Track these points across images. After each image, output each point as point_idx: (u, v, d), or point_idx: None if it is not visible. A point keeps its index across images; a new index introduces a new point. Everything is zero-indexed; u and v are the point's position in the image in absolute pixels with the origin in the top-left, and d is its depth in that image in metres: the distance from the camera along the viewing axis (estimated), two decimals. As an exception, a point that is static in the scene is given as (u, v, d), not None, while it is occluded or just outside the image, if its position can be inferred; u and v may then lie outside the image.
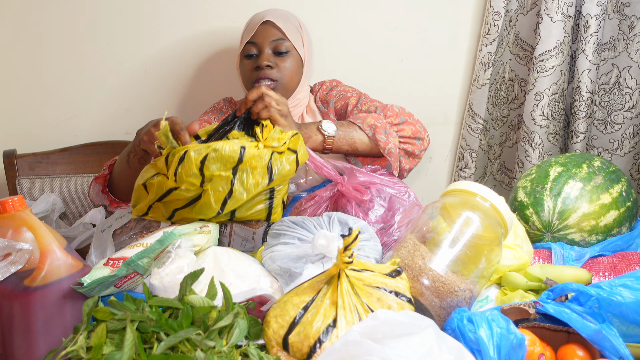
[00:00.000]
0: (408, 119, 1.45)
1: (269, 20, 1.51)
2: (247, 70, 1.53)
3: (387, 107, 1.48)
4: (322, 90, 1.65)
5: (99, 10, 1.81)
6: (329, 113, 1.60)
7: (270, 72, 1.49)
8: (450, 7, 1.97)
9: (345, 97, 1.58)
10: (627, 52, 1.91)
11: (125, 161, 1.28)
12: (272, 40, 1.51)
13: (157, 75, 1.88)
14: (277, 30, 1.51)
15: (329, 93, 1.62)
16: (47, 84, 1.84)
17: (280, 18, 1.53)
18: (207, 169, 1.04)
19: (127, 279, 0.91)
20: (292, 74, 1.52)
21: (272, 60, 1.50)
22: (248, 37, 1.53)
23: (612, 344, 0.81)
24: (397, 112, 1.45)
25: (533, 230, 1.27)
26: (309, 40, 1.60)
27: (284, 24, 1.52)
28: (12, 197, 0.87)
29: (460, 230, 0.98)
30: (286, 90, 1.53)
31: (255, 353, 0.79)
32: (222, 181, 1.06)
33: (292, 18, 1.57)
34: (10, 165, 1.73)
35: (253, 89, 1.21)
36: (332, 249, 0.98)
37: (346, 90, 1.61)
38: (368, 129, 1.38)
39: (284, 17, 1.54)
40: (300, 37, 1.56)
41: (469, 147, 2.02)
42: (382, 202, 1.17)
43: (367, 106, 1.52)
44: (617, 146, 1.99)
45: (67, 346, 0.80)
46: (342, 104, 1.57)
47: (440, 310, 0.92)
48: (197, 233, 1.03)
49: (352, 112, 1.52)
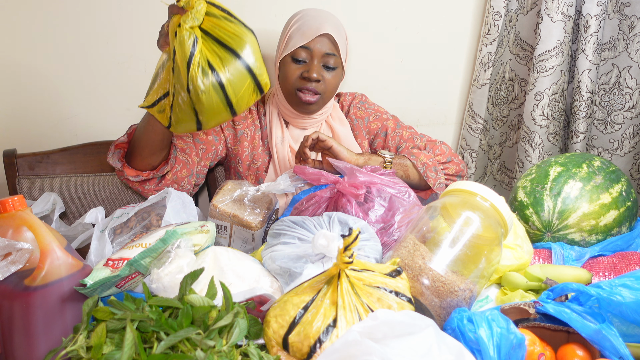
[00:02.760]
0: (454, 159, 1.57)
1: (328, 33, 1.50)
2: (294, 74, 1.52)
3: (435, 144, 1.58)
4: (355, 103, 1.68)
5: (98, 10, 1.80)
6: (362, 129, 1.65)
7: (317, 86, 1.51)
8: (450, 7, 1.97)
9: (381, 119, 1.65)
10: (627, 52, 1.91)
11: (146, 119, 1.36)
12: (326, 54, 1.51)
13: (157, 75, 1.88)
14: (333, 45, 1.51)
15: (363, 109, 1.67)
16: (47, 84, 1.84)
17: (336, 30, 1.52)
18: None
19: (129, 279, 0.91)
20: (334, 88, 1.55)
21: (321, 73, 1.51)
22: (302, 42, 1.50)
23: (612, 344, 0.81)
24: (444, 151, 1.57)
25: (533, 230, 1.27)
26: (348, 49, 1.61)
27: (339, 38, 1.52)
28: (12, 197, 0.87)
29: (460, 230, 0.98)
30: (324, 104, 1.56)
31: (255, 352, 0.79)
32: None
33: (342, 30, 1.57)
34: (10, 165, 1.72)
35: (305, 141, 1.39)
36: (332, 249, 0.98)
37: (380, 111, 1.67)
38: (421, 166, 1.49)
39: (338, 30, 1.54)
40: (346, 51, 1.58)
41: (469, 147, 2.02)
42: (382, 202, 1.17)
43: (409, 134, 1.61)
44: (617, 146, 1.99)
45: (67, 346, 0.80)
46: (378, 125, 1.64)
47: (440, 310, 0.92)
48: (197, 232, 1.03)
49: (394, 138, 1.62)
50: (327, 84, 1.52)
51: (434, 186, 1.49)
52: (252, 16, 1.71)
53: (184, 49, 1.12)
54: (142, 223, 1.25)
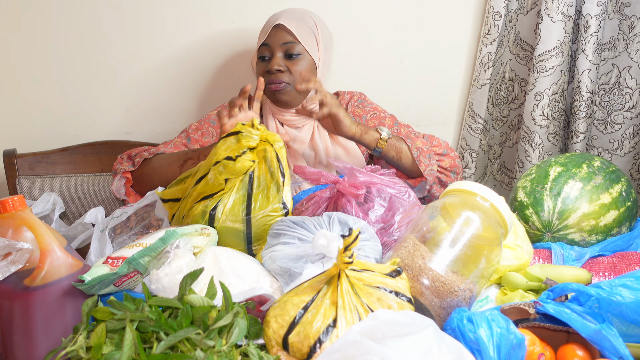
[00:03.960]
0: (450, 153, 1.56)
1: (280, 23, 1.53)
2: (260, 72, 1.57)
3: (433, 137, 1.58)
4: (353, 101, 1.68)
5: (98, 10, 1.80)
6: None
7: (282, 76, 1.53)
8: (450, 7, 1.97)
9: (379, 117, 1.64)
10: (627, 52, 1.91)
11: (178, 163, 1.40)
12: (283, 44, 1.53)
13: (157, 75, 1.88)
14: (288, 33, 1.53)
15: (361, 107, 1.67)
16: (47, 84, 1.84)
17: (293, 20, 1.54)
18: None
19: (127, 277, 0.91)
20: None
21: (282, 63, 1.53)
22: (262, 39, 1.56)
23: (612, 344, 0.81)
24: (441, 144, 1.56)
25: (533, 230, 1.27)
26: (326, 40, 1.61)
27: (297, 26, 1.54)
28: (12, 197, 0.87)
29: (460, 230, 0.98)
30: (299, 93, 1.55)
31: (255, 352, 0.79)
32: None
33: (308, 18, 1.58)
34: (10, 164, 1.73)
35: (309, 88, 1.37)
36: (332, 249, 0.98)
37: (378, 109, 1.67)
38: (415, 150, 1.49)
39: (297, 19, 1.55)
40: (315, 38, 1.57)
41: (469, 147, 2.02)
42: (382, 202, 1.17)
43: (406, 131, 1.61)
44: (617, 146, 1.99)
45: (67, 346, 0.80)
46: (375, 123, 1.63)
47: (440, 310, 0.92)
48: (197, 234, 1.03)
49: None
50: (293, 72, 1.53)
51: (424, 171, 1.48)
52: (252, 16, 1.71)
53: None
54: (142, 223, 1.25)
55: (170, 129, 1.90)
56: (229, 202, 1.11)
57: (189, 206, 1.14)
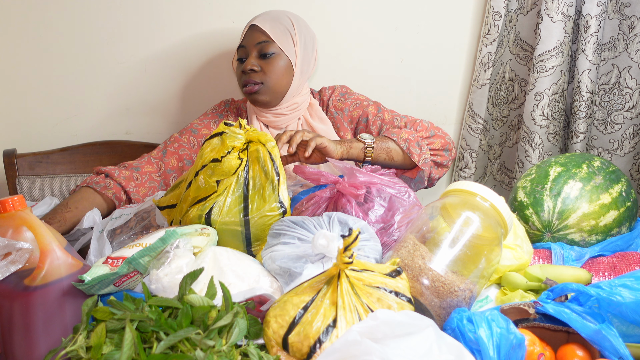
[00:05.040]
0: (437, 132, 1.53)
1: (254, 24, 1.55)
2: (238, 74, 1.59)
3: (416, 122, 1.55)
4: (335, 96, 1.66)
5: (98, 10, 1.80)
6: (343, 120, 1.63)
7: (255, 76, 1.54)
8: (450, 7, 1.97)
9: (362, 106, 1.62)
10: (627, 52, 1.91)
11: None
12: (257, 43, 1.54)
13: (157, 75, 1.88)
14: (262, 33, 1.54)
15: (342, 100, 1.65)
16: (47, 84, 1.84)
17: (267, 21, 1.55)
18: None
19: (127, 277, 0.91)
20: (278, 76, 1.54)
21: (256, 63, 1.53)
22: (239, 42, 1.58)
23: (612, 344, 0.81)
24: (426, 126, 1.53)
25: (533, 230, 1.27)
26: (305, 40, 1.59)
27: (271, 26, 1.54)
28: (12, 197, 0.87)
29: (460, 230, 0.98)
30: (274, 92, 1.56)
31: (255, 352, 0.79)
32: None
33: (284, 19, 1.58)
34: (10, 164, 1.72)
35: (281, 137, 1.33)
36: (332, 249, 0.98)
37: (360, 99, 1.65)
38: (403, 142, 1.46)
39: (271, 20, 1.56)
40: (291, 37, 1.56)
41: (469, 147, 2.02)
42: (382, 202, 1.17)
43: (390, 117, 1.58)
44: (617, 146, 1.99)
45: (67, 346, 0.80)
46: (359, 112, 1.61)
47: (440, 310, 0.92)
48: (197, 234, 1.03)
49: (375, 122, 1.58)
50: (267, 72, 1.54)
51: (419, 162, 1.46)
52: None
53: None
54: (141, 223, 1.25)
55: (170, 129, 1.90)
56: (225, 204, 1.11)
57: (184, 211, 1.15)
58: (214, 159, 1.10)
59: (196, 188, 1.13)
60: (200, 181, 1.12)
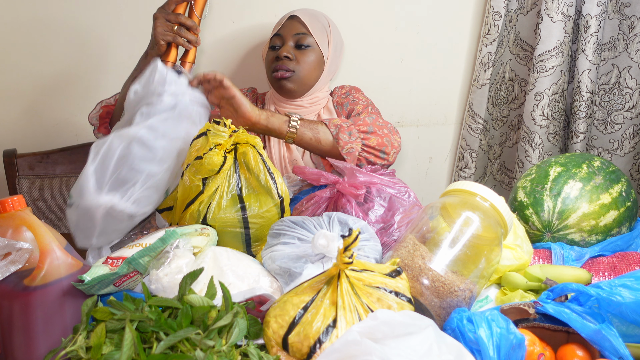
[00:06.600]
0: (377, 131, 1.43)
1: (295, 15, 1.58)
2: (269, 60, 1.60)
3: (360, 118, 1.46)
4: (341, 92, 1.68)
5: (99, 10, 1.80)
6: (341, 115, 1.64)
7: (289, 63, 1.55)
8: (450, 7, 1.97)
9: (356, 104, 1.63)
10: (627, 52, 1.91)
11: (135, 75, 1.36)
12: (295, 34, 1.57)
13: (157, 75, 1.88)
14: (302, 25, 1.57)
15: (345, 97, 1.67)
16: (47, 84, 1.84)
17: (307, 15, 1.59)
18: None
19: (127, 277, 0.91)
20: (310, 68, 1.57)
21: (292, 52, 1.56)
22: (276, 30, 1.60)
23: (612, 344, 0.81)
24: (368, 122, 1.44)
25: (533, 230, 1.27)
26: (337, 42, 1.64)
27: (310, 20, 1.58)
28: (12, 197, 0.87)
29: (460, 230, 0.98)
30: (302, 84, 1.57)
31: (254, 352, 0.79)
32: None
33: (322, 17, 1.63)
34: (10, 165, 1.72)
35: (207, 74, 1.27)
36: (332, 249, 0.98)
37: (360, 98, 1.65)
38: (333, 127, 1.39)
39: (311, 15, 1.60)
40: (326, 35, 1.60)
41: (469, 147, 2.02)
42: (382, 202, 1.17)
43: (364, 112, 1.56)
44: (617, 146, 1.99)
45: (67, 346, 0.80)
46: (351, 109, 1.62)
47: (440, 310, 0.92)
48: (197, 234, 1.03)
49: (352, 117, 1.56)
50: (300, 62, 1.56)
51: (342, 149, 1.37)
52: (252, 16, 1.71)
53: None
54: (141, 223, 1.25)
55: (170, 129, 1.90)
56: (222, 206, 1.12)
57: (178, 215, 1.15)
58: (197, 157, 1.11)
59: (183, 188, 1.13)
60: (185, 180, 1.12)
